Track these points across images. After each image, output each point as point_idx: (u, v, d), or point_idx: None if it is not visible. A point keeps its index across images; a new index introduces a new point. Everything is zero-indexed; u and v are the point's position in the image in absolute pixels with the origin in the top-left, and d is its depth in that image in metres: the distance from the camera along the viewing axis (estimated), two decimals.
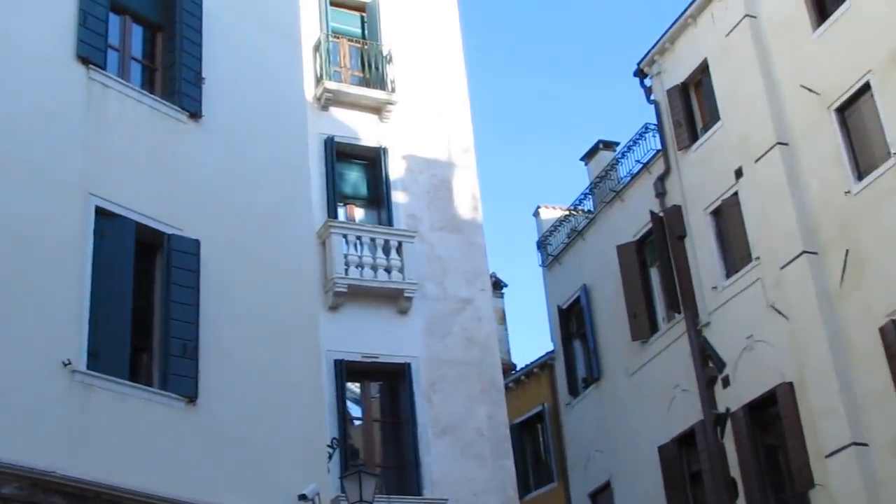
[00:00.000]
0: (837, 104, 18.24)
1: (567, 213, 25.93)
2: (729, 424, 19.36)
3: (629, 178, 23.29)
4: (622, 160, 23.88)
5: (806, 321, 17.96)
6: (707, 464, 19.59)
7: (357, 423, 18.50)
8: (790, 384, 18.27)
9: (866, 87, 17.76)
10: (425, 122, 20.20)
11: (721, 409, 19.59)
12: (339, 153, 19.18)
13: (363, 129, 19.58)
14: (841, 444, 16.90)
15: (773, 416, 18.81)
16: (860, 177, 17.74)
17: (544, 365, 25.36)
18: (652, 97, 22.55)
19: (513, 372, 26.65)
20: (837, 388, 17.16)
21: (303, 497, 12.58)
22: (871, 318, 16.99)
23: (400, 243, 18.40)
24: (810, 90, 18.66)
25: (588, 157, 25.72)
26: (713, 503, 19.35)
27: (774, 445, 18.88)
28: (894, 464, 16.22)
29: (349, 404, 18.23)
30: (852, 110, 18.14)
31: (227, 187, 13.80)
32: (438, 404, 17.93)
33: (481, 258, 19.61)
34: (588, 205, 25.19)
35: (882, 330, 16.74)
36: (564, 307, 24.92)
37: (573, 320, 24.85)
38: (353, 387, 18.46)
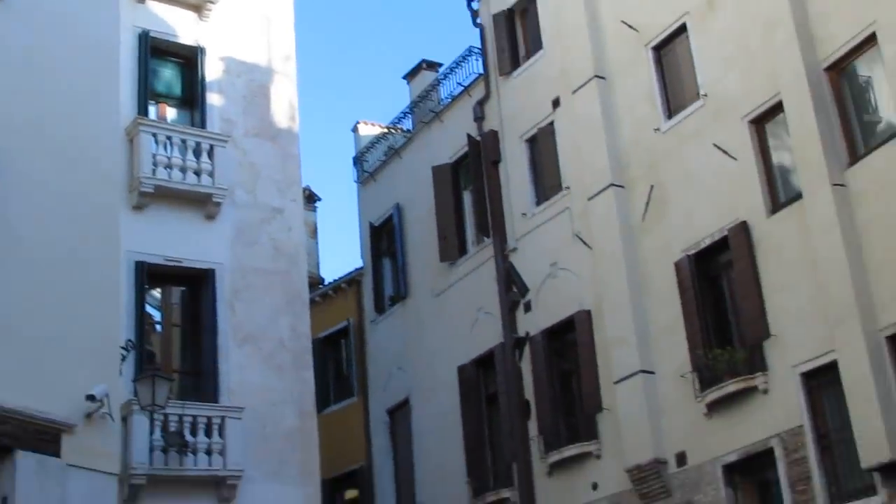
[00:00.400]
0: (655, 42, 18.68)
1: (385, 130, 25.81)
2: (527, 348, 19.88)
3: (449, 100, 23.32)
4: (444, 82, 23.88)
5: (607, 252, 18.53)
6: (504, 385, 20.10)
7: (157, 328, 18.07)
8: (588, 312, 18.86)
9: (683, 29, 18.23)
10: (246, 24, 19.60)
11: (521, 333, 20.07)
12: (154, 49, 18.42)
13: (181, 27, 18.85)
14: (630, 371, 17.63)
15: (569, 342, 19.41)
16: (670, 116, 18.28)
17: (352, 281, 25.37)
18: (478, 21, 22.53)
19: (320, 286, 26.55)
20: (631, 318, 17.84)
21: (91, 397, 12.22)
22: (668, 254, 17.66)
23: (212, 147, 17.89)
24: (630, 27, 19.02)
25: (410, 75, 25.59)
26: (507, 423, 19.91)
27: (569, 370, 19.52)
28: (677, 391, 17.03)
29: (149, 308, 17.78)
30: (668, 50, 18.62)
31: (27, 73, 13.04)
32: (241, 313, 17.69)
33: (295, 168, 19.30)
34: (407, 124, 25.13)
35: (677, 265, 17.44)
36: (376, 224, 24.91)
37: (384, 238, 24.88)
38: (155, 291, 18.02)
